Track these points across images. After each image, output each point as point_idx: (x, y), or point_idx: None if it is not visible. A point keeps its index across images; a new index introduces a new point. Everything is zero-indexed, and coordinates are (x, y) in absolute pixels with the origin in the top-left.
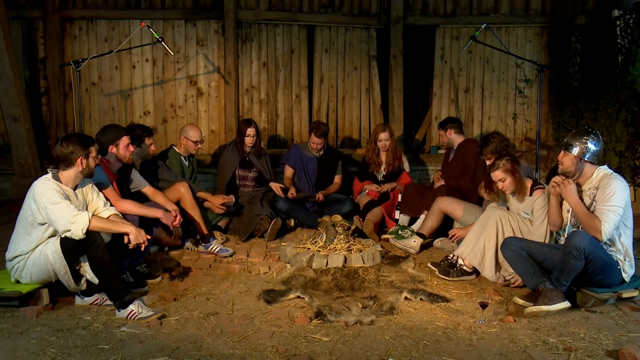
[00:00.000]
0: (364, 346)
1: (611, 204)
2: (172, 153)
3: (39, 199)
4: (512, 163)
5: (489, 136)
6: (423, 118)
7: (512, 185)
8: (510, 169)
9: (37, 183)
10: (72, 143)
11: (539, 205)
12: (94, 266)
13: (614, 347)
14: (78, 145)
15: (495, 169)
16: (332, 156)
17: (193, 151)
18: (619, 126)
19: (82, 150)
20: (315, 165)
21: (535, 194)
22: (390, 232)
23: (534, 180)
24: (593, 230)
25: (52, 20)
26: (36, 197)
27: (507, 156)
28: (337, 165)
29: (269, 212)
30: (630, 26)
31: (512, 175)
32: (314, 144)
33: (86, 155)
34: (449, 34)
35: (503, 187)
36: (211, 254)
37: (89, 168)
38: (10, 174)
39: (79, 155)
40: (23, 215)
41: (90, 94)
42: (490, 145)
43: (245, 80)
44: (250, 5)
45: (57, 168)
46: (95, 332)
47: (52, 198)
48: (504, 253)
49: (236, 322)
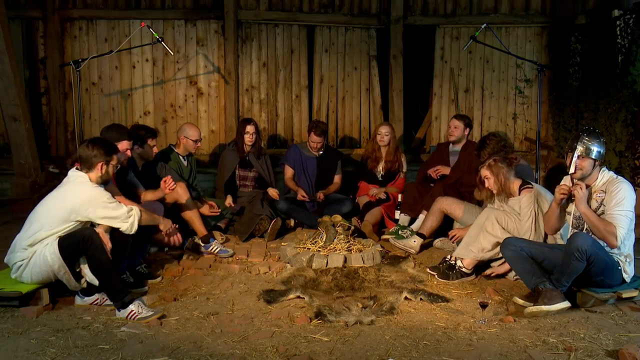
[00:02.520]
0: (364, 346)
1: (623, 208)
2: (170, 152)
3: (94, 199)
4: (497, 163)
5: (486, 138)
6: (423, 118)
7: (496, 185)
8: (494, 169)
9: (85, 186)
10: (97, 147)
11: (525, 204)
12: (93, 267)
13: (614, 347)
14: (102, 150)
15: (481, 167)
16: (332, 156)
17: (193, 150)
18: (619, 126)
19: (104, 156)
20: (315, 165)
21: (522, 193)
22: (390, 232)
23: (523, 180)
24: (609, 234)
25: (52, 20)
26: (90, 198)
27: (496, 156)
28: (336, 165)
29: (269, 212)
30: (630, 26)
31: (495, 176)
32: (313, 142)
33: (107, 162)
34: (449, 34)
35: (487, 185)
36: (211, 255)
37: (107, 174)
38: (10, 174)
39: (101, 160)
40: (60, 205)
41: (90, 94)
42: (488, 147)
43: (245, 80)
44: (250, 5)
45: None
46: (95, 332)
47: (106, 197)
48: (504, 253)
49: (236, 322)
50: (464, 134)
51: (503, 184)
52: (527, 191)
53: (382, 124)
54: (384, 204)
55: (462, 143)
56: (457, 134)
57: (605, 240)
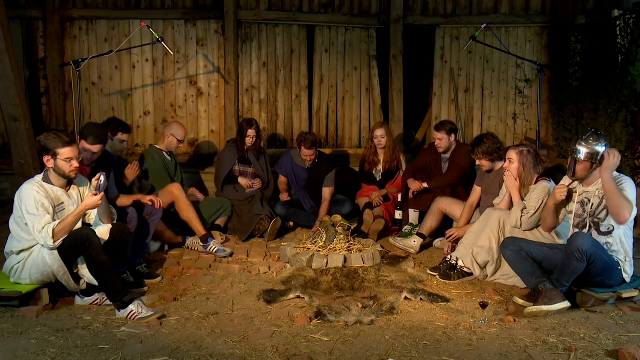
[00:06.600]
0: (364, 346)
1: (628, 197)
2: (153, 150)
3: (21, 205)
4: (528, 155)
5: (483, 137)
6: (423, 118)
7: (516, 172)
8: (522, 157)
9: (23, 187)
10: (44, 139)
11: (538, 192)
12: (92, 267)
13: (614, 347)
14: (47, 143)
15: (512, 148)
16: (324, 167)
17: (174, 149)
18: (619, 126)
19: (48, 149)
20: (306, 175)
21: (539, 182)
22: (404, 234)
23: (540, 174)
24: (623, 207)
25: (52, 20)
26: (20, 203)
27: (530, 149)
28: (326, 177)
29: (269, 212)
30: (630, 26)
31: (520, 163)
32: (305, 156)
33: (53, 156)
34: (449, 34)
35: (507, 167)
36: (210, 254)
37: (60, 170)
38: (10, 174)
39: (45, 153)
40: (16, 215)
41: (90, 94)
42: (483, 145)
43: (245, 80)
44: (250, 5)
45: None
46: (95, 332)
47: (29, 207)
48: (504, 253)
49: (236, 322)
50: (450, 141)
51: (523, 173)
52: (544, 181)
53: (377, 126)
54: (384, 204)
55: (452, 149)
56: (444, 144)
57: (619, 211)
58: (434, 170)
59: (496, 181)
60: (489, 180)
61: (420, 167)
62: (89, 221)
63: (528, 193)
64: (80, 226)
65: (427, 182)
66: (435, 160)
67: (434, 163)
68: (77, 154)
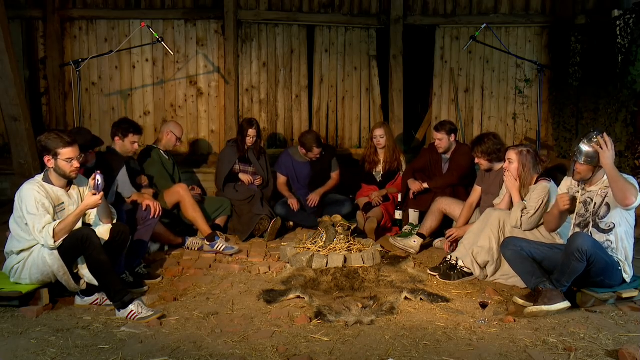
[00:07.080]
0: (364, 346)
1: (630, 180)
2: (151, 149)
3: (21, 205)
4: (528, 155)
5: (485, 136)
6: (423, 118)
7: (515, 172)
8: (522, 157)
9: (24, 187)
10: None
11: (537, 192)
12: (92, 267)
13: (614, 347)
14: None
15: (513, 148)
16: (325, 157)
17: (172, 147)
18: (619, 126)
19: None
20: (309, 169)
21: (539, 182)
22: (404, 234)
23: (539, 175)
24: (629, 190)
25: (52, 20)
26: (20, 203)
27: (530, 149)
28: (331, 164)
29: (269, 212)
30: (630, 26)
31: (519, 164)
32: (314, 155)
33: (54, 156)
34: (449, 34)
35: (507, 167)
36: (218, 253)
37: (61, 170)
38: (10, 174)
39: (45, 153)
40: (16, 215)
41: (90, 94)
42: (484, 145)
43: (245, 80)
44: (250, 5)
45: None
46: (95, 332)
47: (30, 207)
48: (504, 253)
49: (236, 322)
50: (450, 141)
51: (523, 173)
52: (544, 181)
53: (376, 127)
54: (384, 204)
55: (452, 149)
56: (444, 145)
57: (624, 194)
58: (434, 171)
59: (496, 181)
60: (489, 180)
61: (420, 167)
62: (89, 221)
63: (528, 193)
64: (80, 226)
65: (427, 182)
66: (435, 160)
67: (434, 163)
68: (77, 154)
